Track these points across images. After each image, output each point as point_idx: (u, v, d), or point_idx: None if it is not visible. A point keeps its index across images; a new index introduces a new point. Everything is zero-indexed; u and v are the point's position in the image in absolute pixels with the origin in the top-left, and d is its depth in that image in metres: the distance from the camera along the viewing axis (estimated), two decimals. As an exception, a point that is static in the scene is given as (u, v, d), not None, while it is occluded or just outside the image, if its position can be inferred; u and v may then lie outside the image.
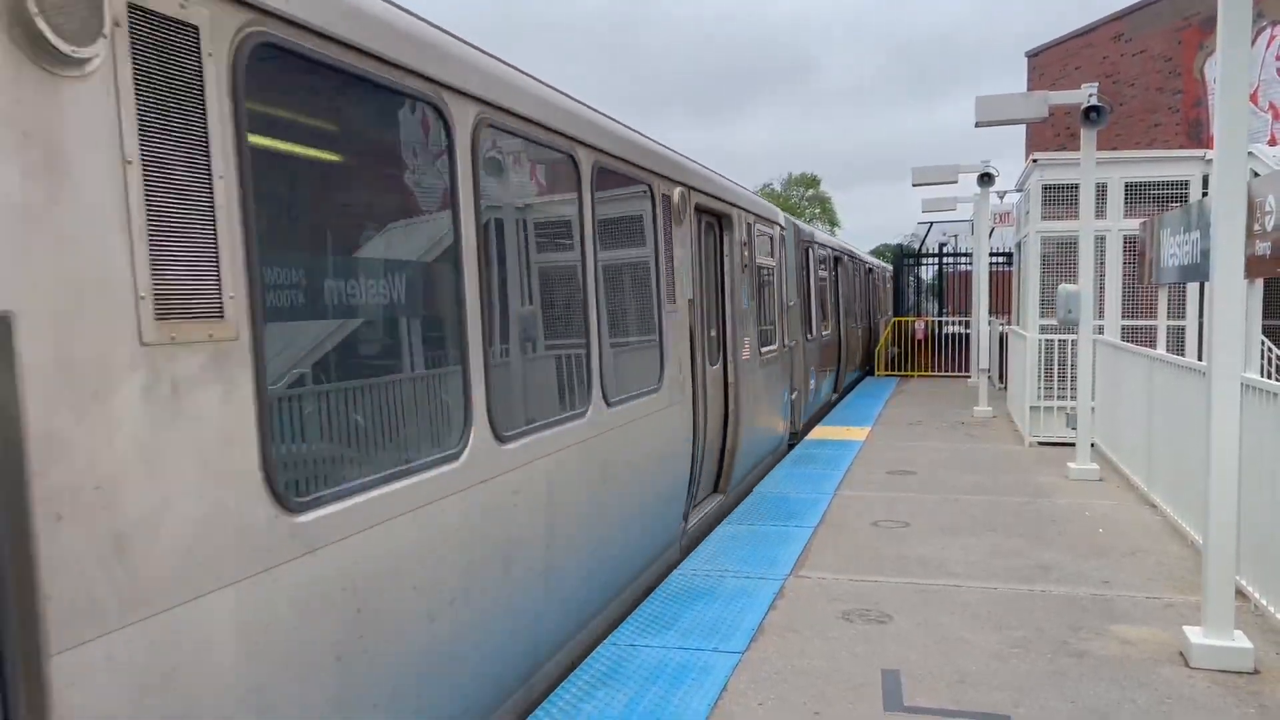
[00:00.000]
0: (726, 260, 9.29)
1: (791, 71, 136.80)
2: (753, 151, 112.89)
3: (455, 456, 4.12)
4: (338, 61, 3.39)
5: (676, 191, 7.43)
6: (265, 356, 2.95)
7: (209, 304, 2.74)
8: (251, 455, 2.88)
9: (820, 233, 19.09)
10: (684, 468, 7.63)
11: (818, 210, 64.06)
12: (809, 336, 14.88)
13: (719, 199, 8.86)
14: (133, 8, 2.53)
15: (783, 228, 12.55)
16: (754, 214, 10.55)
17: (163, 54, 2.64)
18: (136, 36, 2.55)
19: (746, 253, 9.99)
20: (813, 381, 15.46)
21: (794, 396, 13.38)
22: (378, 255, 3.98)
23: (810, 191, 65.64)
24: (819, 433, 14.30)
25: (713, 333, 8.84)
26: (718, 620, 6.17)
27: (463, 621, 4.11)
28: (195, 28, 2.73)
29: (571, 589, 5.35)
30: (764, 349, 10.94)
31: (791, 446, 13.00)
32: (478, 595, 4.24)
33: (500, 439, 4.50)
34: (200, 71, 2.76)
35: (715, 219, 9.07)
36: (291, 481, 3.14)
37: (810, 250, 15.41)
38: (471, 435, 4.24)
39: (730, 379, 9.39)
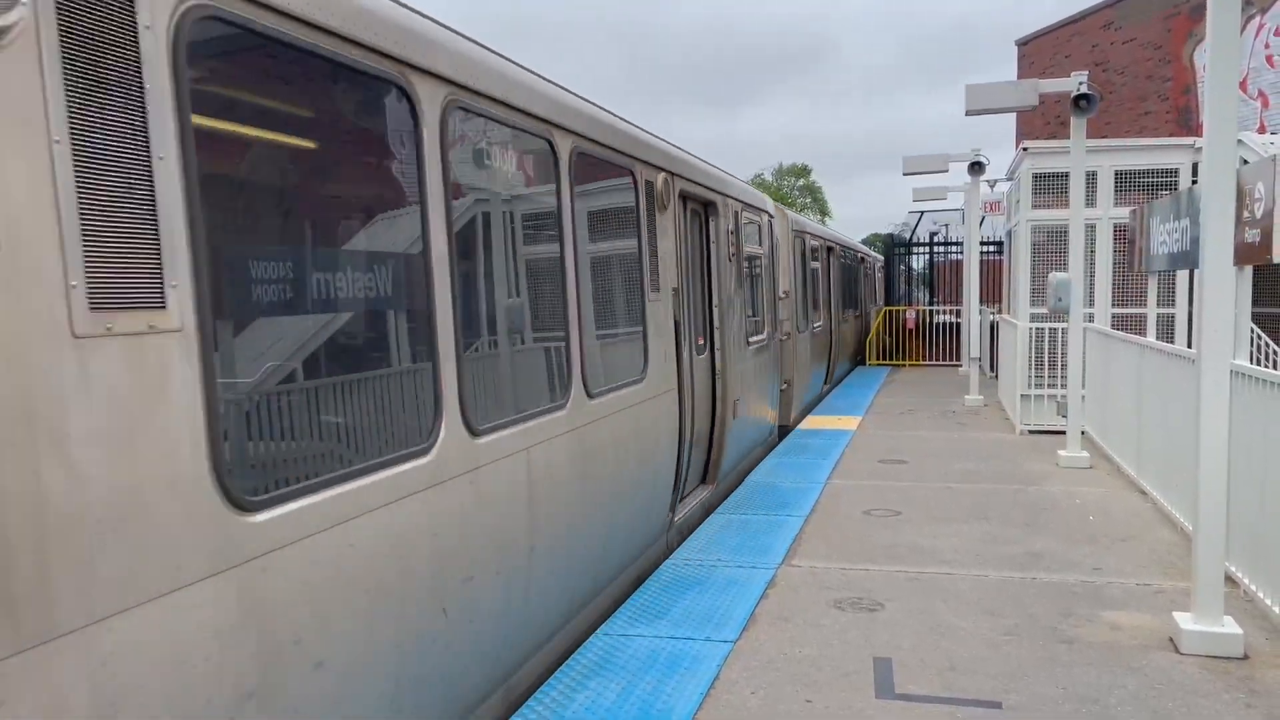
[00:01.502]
0: (713, 248, 9.23)
1: (801, 61, 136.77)
2: (757, 141, 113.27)
3: (425, 452, 3.98)
4: (292, 38, 3.22)
5: (660, 178, 7.36)
6: (213, 349, 2.81)
7: (149, 293, 2.60)
8: (200, 453, 2.74)
9: (812, 222, 19.08)
10: (669, 460, 7.53)
11: (809, 200, 64.07)
12: (800, 328, 14.67)
13: (704, 186, 8.81)
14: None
15: (771, 216, 12.42)
16: (742, 202, 10.44)
17: (94, 24, 2.46)
18: (63, 2, 2.37)
19: (734, 241, 9.87)
20: (805, 371, 15.22)
21: (784, 387, 13.22)
22: (341, 243, 3.87)
23: (801, 181, 65.65)
24: (811, 422, 14.32)
25: (700, 322, 8.78)
26: (710, 609, 6.18)
27: (432, 629, 3.97)
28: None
29: (547, 591, 5.20)
30: (753, 338, 10.87)
31: (782, 437, 12.92)
32: (450, 599, 4.09)
33: (473, 432, 4.36)
34: (137, 43, 2.58)
35: (701, 206, 8.99)
36: (244, 481, 2.99)
37: (802, 240, 15.39)
38: (442, 429, 4.10)
39: (718, 368, 9.32)
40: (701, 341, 8.84)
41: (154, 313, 2.59)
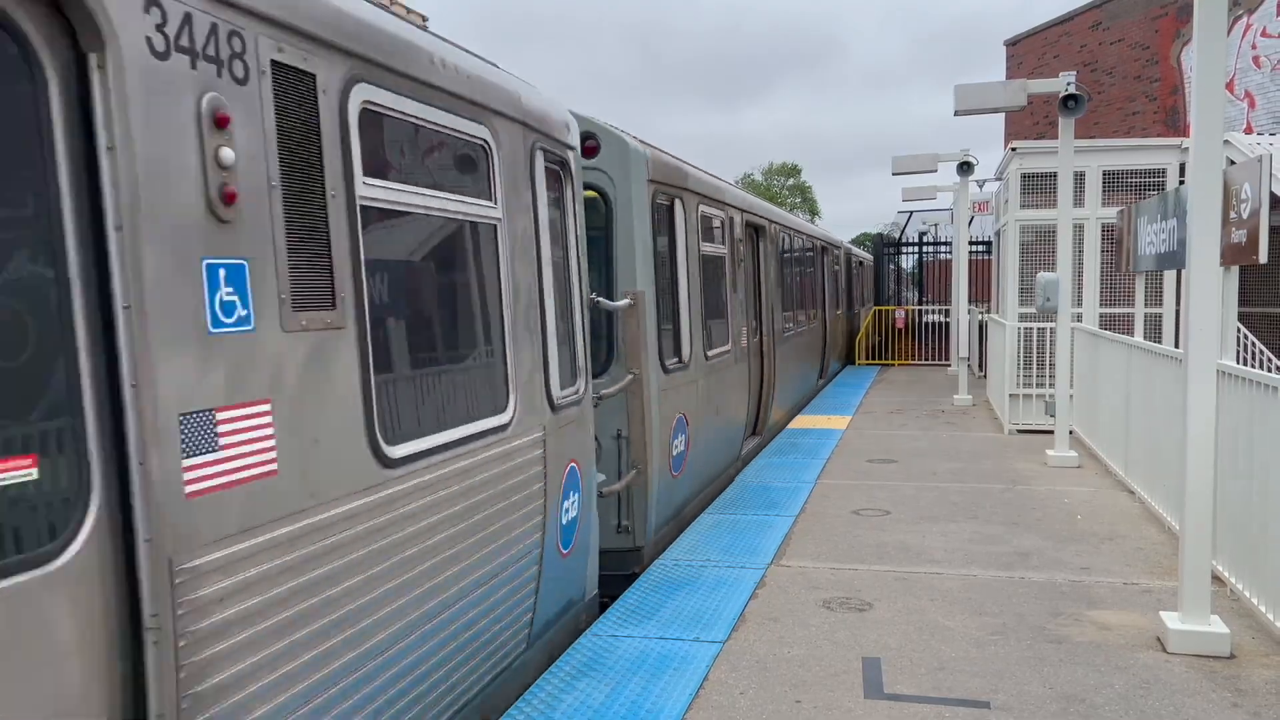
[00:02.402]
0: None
1: (807, 58, 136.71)
2: (756, 138, 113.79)
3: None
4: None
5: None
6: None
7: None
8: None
9: (801, 220, 19.10)
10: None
11: (799, 199, 64.19)
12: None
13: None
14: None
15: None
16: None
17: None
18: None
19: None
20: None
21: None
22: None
23: (791, 180, 65.78)
24: (800, 422, 14.33)
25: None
26: (699, 610, 6.17)
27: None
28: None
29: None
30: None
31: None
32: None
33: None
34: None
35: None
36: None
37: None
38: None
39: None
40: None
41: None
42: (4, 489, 2.32)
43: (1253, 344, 12.29)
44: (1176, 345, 9.79)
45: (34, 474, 2.38)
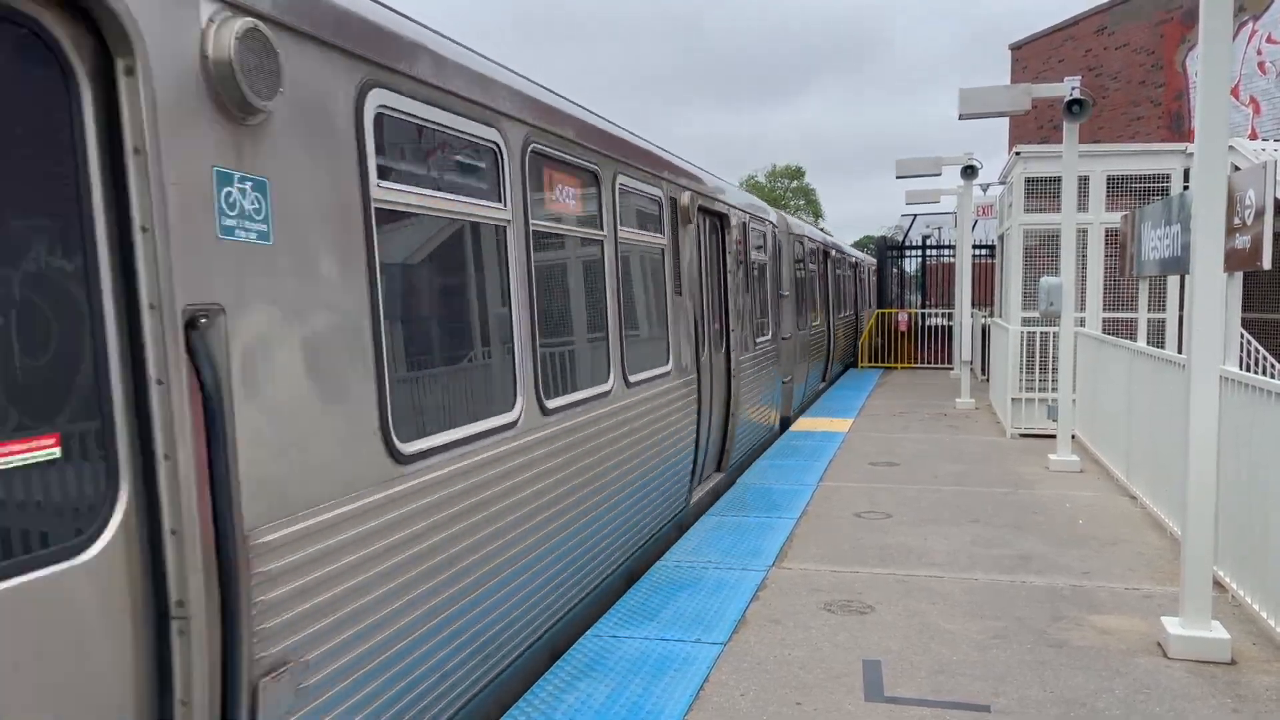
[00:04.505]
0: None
1: (837, 59, 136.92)
2: (771, 138, 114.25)
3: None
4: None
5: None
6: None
7: None
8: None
9: (807, 226, 19.11)
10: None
11: (802, 202, 64.19)
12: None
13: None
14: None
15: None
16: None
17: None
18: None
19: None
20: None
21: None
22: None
23: (794, 183, 65.77)
24: (803, 424, 14.33)
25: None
26: (701, 611, 6.18)
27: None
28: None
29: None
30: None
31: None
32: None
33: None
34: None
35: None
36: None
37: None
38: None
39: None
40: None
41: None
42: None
43: (1256, 350, 12.29)
44: (1179, 350, 9.79)
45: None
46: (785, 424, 13.73)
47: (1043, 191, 13.51)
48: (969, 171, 16.83)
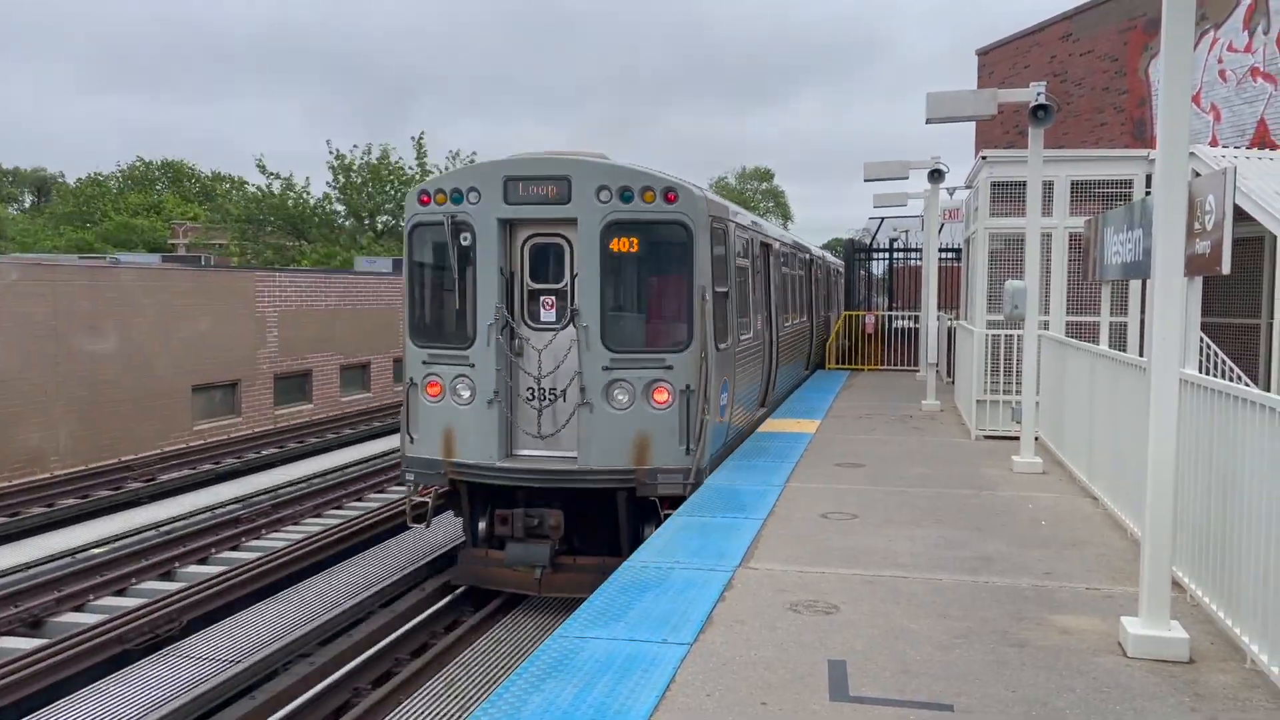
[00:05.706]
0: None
1: (827, 63, 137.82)
2: (759, 138, 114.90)
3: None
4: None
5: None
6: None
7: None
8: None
9: (779, 229, 19.35)
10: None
11: (771, 204, 64.48)
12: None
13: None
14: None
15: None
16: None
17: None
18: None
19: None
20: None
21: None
22: None
23: (764, 185, 66.05)
24: (770, 425, 14.39)
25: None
26: (667, 612, 6.18)
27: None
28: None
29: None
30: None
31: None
32: None
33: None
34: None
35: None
36: None
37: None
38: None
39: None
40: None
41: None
42: None
43: (1215, 354, 12.47)
44: (1141, 354, 9.92)
45: None
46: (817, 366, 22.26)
47: (1008, 195, 13.63)
48: (935, 175, 16.94)
